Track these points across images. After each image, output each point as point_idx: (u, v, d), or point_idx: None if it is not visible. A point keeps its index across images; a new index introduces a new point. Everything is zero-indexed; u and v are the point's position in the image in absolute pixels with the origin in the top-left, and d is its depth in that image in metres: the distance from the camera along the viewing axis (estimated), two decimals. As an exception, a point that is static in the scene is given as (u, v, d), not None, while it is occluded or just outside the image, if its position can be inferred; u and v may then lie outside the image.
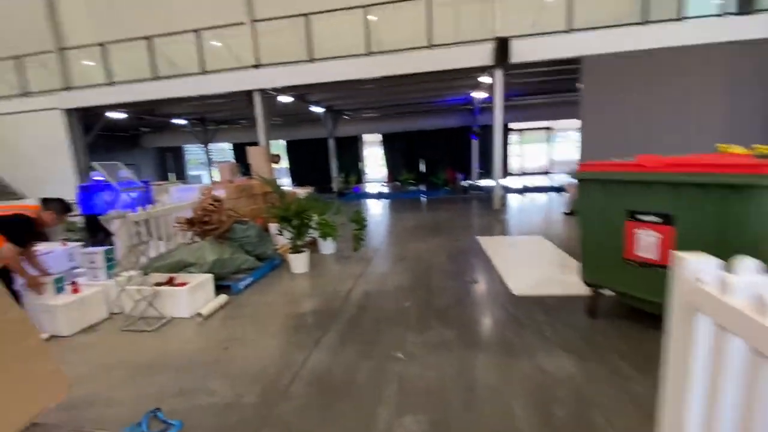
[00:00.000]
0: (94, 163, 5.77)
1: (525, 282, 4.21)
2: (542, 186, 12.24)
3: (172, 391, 2.64)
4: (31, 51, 9.02)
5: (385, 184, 16.01)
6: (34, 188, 9.25)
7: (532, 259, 5.09)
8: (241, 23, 8.47)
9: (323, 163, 14.79)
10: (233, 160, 16.66)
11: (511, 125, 15.13)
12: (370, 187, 14.86)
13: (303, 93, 10.20)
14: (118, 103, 9.29)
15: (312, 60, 8.35)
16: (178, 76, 8.79)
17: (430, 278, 4.56)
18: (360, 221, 5.55)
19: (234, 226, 4.83)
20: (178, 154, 18.01)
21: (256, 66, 8.53)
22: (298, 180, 16.55)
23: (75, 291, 3.78)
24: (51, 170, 9.08)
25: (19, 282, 3.51)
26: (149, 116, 11.37)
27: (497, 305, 3.73)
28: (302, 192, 7.41)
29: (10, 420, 1.76)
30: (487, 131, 13.68)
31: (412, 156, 15.76)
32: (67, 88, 8.95)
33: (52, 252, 5.56)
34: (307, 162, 16.27)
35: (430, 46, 8.00)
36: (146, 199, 5.99)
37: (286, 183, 17.20)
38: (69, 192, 8.73)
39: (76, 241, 6.01)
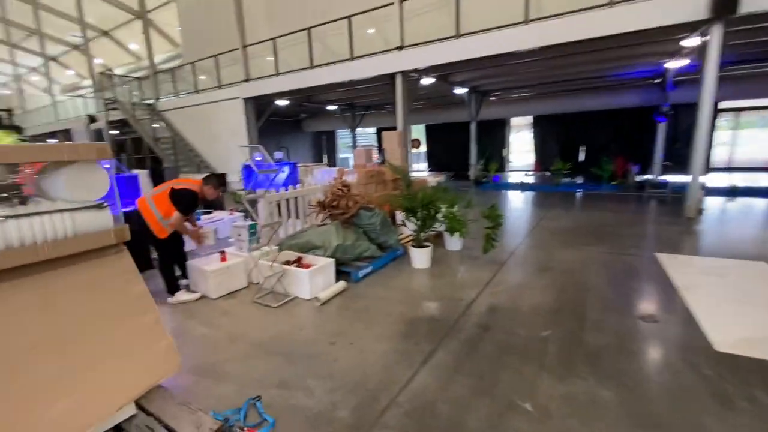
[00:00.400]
0: (241, 145, 6.50)
1: (736, 333, 2.86)
2: (765, 188, 8.86)
3: (274, 381, 2.58)
4: (224, 50, 10.92)
5: (531, 173, 14.26)
6: (222, 164, 11.32)
7: (748, 297, 3.50)
8: (389, 4, 8.35)
9: (462, 149, 14.01)
10: (372, 145, 17.40)
11: (722, 104, 11.38)
12: (513, 177, 13.45)
13: (446, 73, 9.62)
14: (282, 91, 10.48)
15: (458, 36, 7.68)
16: (330, 64, 9.33)
17: (583, 303, 3.56)
18: (495, 217, 4.79)
19: (360, 212, 4.72)
20: (331, 138, 19.81)
21: (399, 48, 8.34)
22: (435, 165, 16.22)
23: (223, 260, 4.23)
24: (234, 149, 10.92)
25: (187, 244, 4.12)
26: (307, 103, 12.62)
27: (686, 363, 2.59)
28: (433, 179, 6.97)
29: (118, 394, 1.81)
30: (681, 112, 10.63)
31: (568, 142, 13.52)
32: (246, 80, 10.55)
33: (221, 219, 6.55)
34: (445, 147, 15.74)
35: (611, 3, 6.34)
36: (293, 180, 6.51)
37: (422, 168, 17.10)
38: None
39: (242, 212, 6.96)
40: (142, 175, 8.96)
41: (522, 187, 11.65)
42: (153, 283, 4.31)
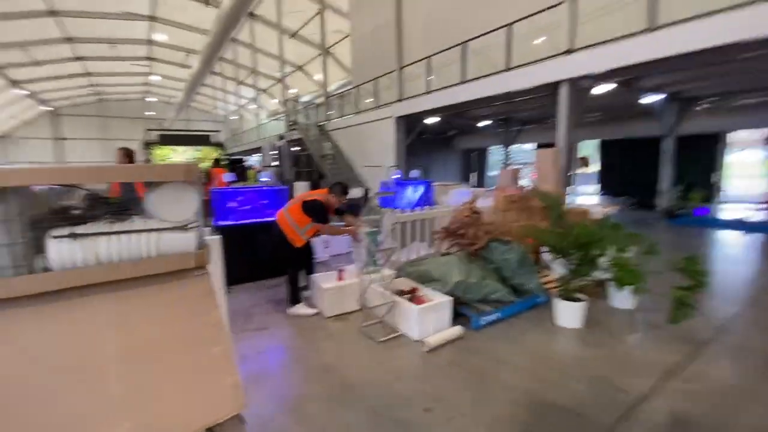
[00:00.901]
0: (367, 165, 6.39)
1: None
2: None
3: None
4: (382, 72, 11.56)
5: (763, 207, 10.23)
6: (372, 179, 11.93)
7: None
8: (558, 4, 7.20)
9: (648, 171, 11.15)
10: (525, 164, 15.66)
11: None
12: (730, 211, 9.92)
13: (632, 77, 7.73)
14: (433, 108, 10.36)
15: (653, 29, 5.98)
16: (483, 77, 8.68)
17: None
18: (695, 272, 3.29)
19: (492, 245, 3.94)
20: (482, 155, 18.90)
21: (568, 51, 7.07)
22: (609, 189, 13.45)
23: (340, 278, 4.11)
24: (382, 163, 11.36)
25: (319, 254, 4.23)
26: (458, 119, 12.23)
27: None
28: (601, 209, 5.51)
29: (175, 426, 1.65)
30: None
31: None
32: (399, 100, 10.86)
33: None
34: (625, 167, 12.86)
35: None
36: (426, 200, 6.15)
37: (591, 192, 14.47)
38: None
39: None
40: (301, 187, 10.12)
41: (744, 226, 8.40)
42: (280, 291, 4.54)
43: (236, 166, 8.75)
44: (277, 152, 16.56)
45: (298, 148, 16.24)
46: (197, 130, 11.71)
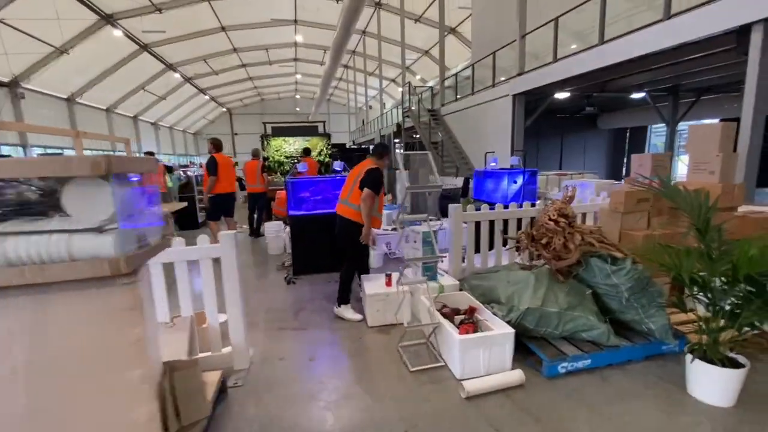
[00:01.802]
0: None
1: None
2: None
3: None
4: (504, 43, 10.09)
5: None
6: (482, 165, 10.73)
7: None
8: None
9: None
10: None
11: None
12: None
13: None
14: (561, 80, 8.56)
15: None
16: (632, 32, 6.62)
17: None
18: None
19: (592, 262, 2.79)
20: (638, 135, 15.21)
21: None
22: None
23: (388, 284, 3.56)
24: (498, 150, 10.06)
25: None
26: (599, 92, 9.87)
27: None
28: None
29: None
30: None
31: None
32: (520, 74, 9.30)
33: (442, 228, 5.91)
34: None
35: None
36: (529, 194, 4.94)
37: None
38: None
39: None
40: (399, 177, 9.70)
41: None
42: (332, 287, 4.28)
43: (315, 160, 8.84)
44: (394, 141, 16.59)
45: (418, 137, 15.89)
46: (305, 121, 12.47)
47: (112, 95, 23.12)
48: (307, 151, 7.99)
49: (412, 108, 14.71)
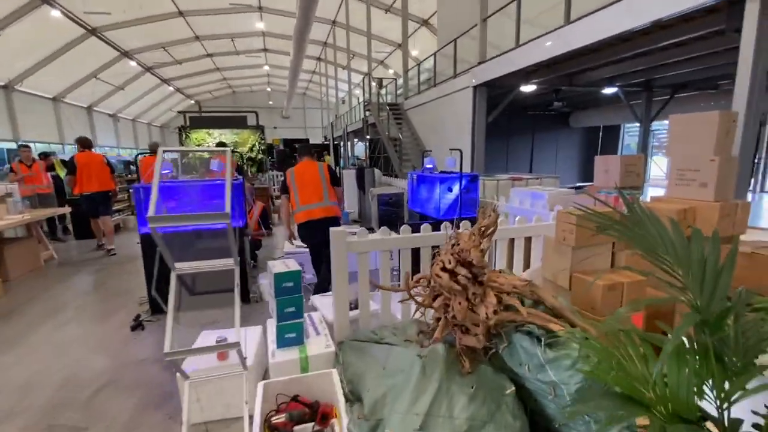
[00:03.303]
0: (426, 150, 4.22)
1: None
2: None
3: None
4: (463, 30, 9.01)
5: None
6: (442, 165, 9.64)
7: None
8: None
9: None
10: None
11: None
12: None
13: None
14: (525, 70, 7.53)
15: None
16: (599, 11, 5.61)
17: None
18: None
19: (513, 339, 1.67)
20: (612, 135, 14.44)
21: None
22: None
23: (220, 357, 2.35)
24: (457, 146, 8.97)
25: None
26: (568, 86, 8.92)
27: None
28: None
29: None
30: None
31: None
32: (480, 62, 8.23)
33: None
34: None
35: None
36: (468, 205, 3.83)
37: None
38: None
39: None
40: (348, 176, 8.53)
41: None
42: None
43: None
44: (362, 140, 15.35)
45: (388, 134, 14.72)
46: (231, 111, 11.09)
47: (59, 83, 21.11)
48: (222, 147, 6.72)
49: (373, 102, 13.54)
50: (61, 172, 7.01)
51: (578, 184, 15.06)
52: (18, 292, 4.49)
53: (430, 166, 4.34)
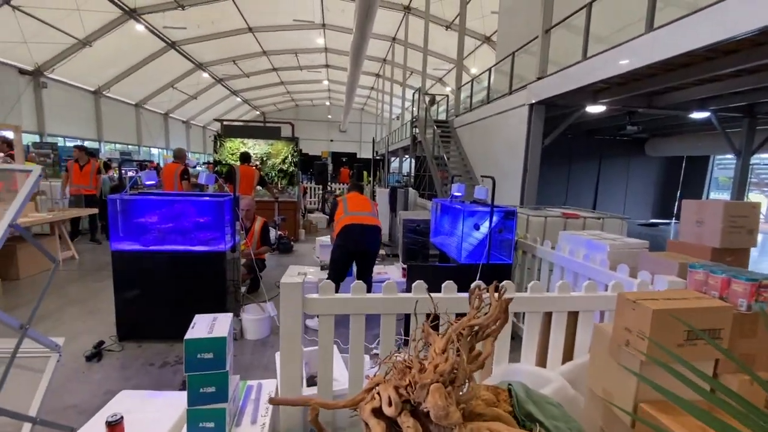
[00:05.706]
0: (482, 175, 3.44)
1: None
2: None
3: None
4: (523, 42, 8.11)
5: None
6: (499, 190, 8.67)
7: None
8: None
9: None
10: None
11: None
12: None
13: None
14: (592, 87, 6.48)
15: None
16: (692, 14, 4.52)
17: None
18: None
19: None
20: (697, 167, 12.39)
21: None
22: None
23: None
24: (508, 172, 8.02)
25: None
26: (645, 108, 7.59)
27: None
28: None
29: None
30: None
31: None
32: (538, 78, 7.27)
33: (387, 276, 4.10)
34: None
35: None
36: (499, 245, 2.98)
37: None
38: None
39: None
40: (382, 194, 7.94)
41: None
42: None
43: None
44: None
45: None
46: (260, 121, 10.99)
47: (141, 91, 23.26)
48: (245, 157, 6.43)
49: (421, 117, 12.93)
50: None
51: (650, 221, 13.09)
52: (19, 293, 4.41)
53: (458, 194, 3.54)
